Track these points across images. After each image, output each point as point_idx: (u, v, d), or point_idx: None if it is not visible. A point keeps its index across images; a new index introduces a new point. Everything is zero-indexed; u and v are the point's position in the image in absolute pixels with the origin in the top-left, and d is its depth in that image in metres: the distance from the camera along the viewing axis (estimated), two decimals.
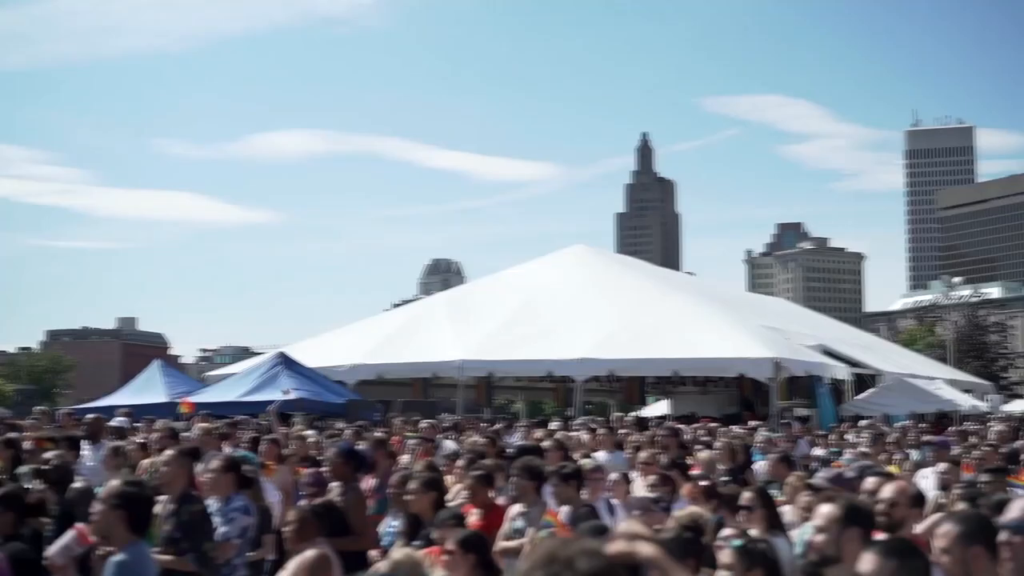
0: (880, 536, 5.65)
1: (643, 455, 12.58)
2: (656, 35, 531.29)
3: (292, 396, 23.81)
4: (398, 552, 6.85)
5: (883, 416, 29.20)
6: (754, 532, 7.67)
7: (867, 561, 4.30)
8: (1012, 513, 4.34)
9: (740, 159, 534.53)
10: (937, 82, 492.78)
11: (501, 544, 8.98)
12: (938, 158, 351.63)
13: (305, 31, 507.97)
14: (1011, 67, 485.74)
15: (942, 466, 10.85)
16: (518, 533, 9.15)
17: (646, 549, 2.58)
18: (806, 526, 7.01)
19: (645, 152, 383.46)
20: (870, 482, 7.33)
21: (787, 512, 8.66)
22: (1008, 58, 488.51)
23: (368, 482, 12.12)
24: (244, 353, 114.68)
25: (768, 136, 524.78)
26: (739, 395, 36.57)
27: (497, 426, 23.32)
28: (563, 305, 33.88)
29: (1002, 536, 4.32)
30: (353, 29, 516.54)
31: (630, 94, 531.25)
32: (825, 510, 5.44)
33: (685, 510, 8.38)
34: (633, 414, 33.97)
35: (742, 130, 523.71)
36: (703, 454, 13.16)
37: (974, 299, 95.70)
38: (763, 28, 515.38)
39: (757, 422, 24.70)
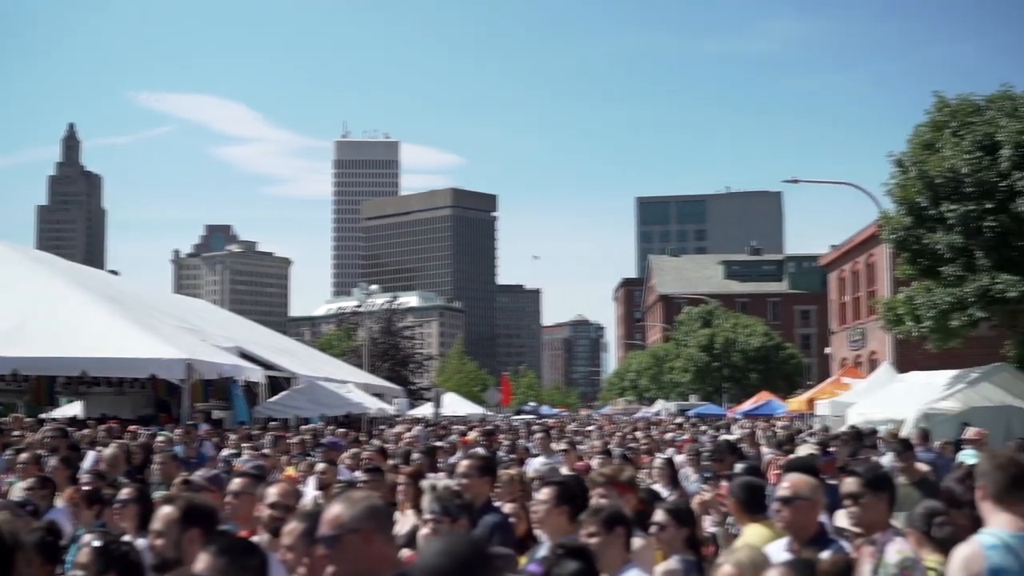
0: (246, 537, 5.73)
1: (24, 456, 12.08)
2: (88, 23, 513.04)
3: None
4: None
5: (295, 418, 29.81)
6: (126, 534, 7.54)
7: (201, 560, 4.33)
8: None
9: (172, 157, 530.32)
10: (368, 96, 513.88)
11: None
12: (365, 170, 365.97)
13: None
14: (435, 88, 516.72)
15: (321, 467, 11.26)
16: None
17: None
18: None
19: (71, 144, 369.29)
20: (235, 483, 7.42)
21: None
22: (433, 79, 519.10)
23: None
24: None
25: (201, 136, 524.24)
26: (155, 396, 36.00)
27: None
28: None
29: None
30: None
31: (57, 81, 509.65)
32: (163, 512, 5.41)
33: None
34: (42, 415, 32.47)
35: (175, 128, 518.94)
36: (107, 451, 12.83)
37: (392, 307, 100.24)
38: (202, 27, 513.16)
39: (171, 423, 24.48)
